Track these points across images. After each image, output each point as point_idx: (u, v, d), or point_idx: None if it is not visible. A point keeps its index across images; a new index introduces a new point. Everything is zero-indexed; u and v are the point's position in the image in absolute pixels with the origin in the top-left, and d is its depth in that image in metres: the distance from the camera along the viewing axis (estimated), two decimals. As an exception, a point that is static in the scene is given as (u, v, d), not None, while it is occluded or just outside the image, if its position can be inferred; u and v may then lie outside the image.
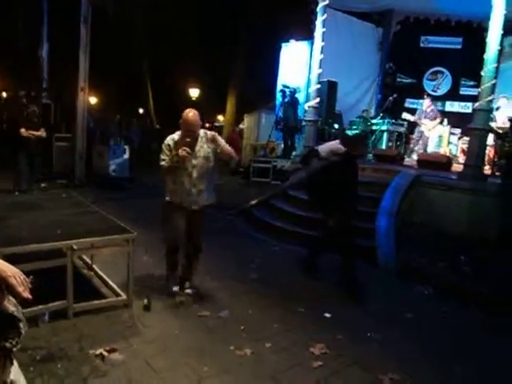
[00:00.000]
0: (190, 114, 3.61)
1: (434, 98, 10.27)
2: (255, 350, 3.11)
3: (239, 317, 3.64)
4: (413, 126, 9.56)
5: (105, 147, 10.29)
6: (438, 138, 9.26)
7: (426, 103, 9.36)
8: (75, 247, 3.36)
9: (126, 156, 10.43)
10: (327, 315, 3.81)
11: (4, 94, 16.73)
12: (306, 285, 4.54)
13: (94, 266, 4.36)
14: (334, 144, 4.63)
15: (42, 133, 7.55)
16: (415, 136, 9.40)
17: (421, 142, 9.22)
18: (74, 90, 9.86)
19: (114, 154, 10.13)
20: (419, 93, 10.44)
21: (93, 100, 19.97)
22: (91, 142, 10.68)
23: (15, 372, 1.99)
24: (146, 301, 3.66)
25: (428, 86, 11.48)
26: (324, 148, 4.64)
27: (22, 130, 7.30)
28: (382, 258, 5.29)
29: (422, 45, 11.41)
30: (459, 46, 10.98)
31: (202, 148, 3.71)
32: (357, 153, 4.60)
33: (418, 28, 11.28)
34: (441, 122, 9.23)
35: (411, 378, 2.92)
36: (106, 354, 2.88)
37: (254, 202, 7.52)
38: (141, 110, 23.90)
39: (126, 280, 3.66)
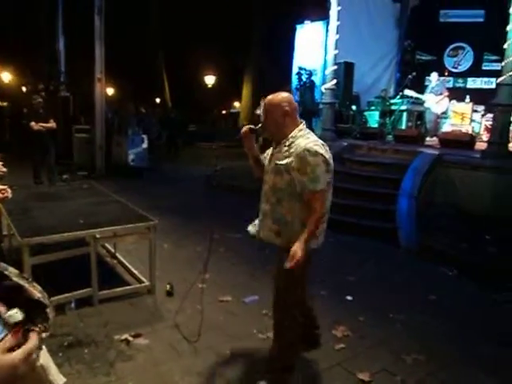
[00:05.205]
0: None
1: (455, 75, 9.94)
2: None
3: (261, 301, 3.66)
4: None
5: (123, 137, 10.37)
6: (444, 114, 9.06)
7: (434, 78, 9.15)
8: (98, 236, 3.43)
9: (145, 145, 10.51)
10: (349, 298, 3.80)
11: (24, 89, 16.96)
12: (329, 269, 4.52)
13: (117, 254, 4.44)
14: None
15: (52, 124, 7.47)
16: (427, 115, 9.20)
17: (432, 119, 9.01)
18: (91, 82, 9.96)
19: (133, 144, 10.22)
20: (440, 70, 10.14)
21: (110, 91, 20.14)
22: (110, 132, 10.77)
23: (45, 357, 2.06)
24: (168, 286, 3.71)
25: (449, 62, 11.16)
26: None
27: (32, 124, 7.20)
28: (403, 240, 5.24)
29: (441, 19, 11.04)
30: (481, 20, 10.57)
31: (288, 148, 2.22)
32: None
33: (436, 2, 10.90)
34: (450, 98, 9.00)
35: (435, 358, 2.90)
36: (131, 339, 2.94)
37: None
38: (157, 100, 24.01)
39: (148, 267, 3.71)
